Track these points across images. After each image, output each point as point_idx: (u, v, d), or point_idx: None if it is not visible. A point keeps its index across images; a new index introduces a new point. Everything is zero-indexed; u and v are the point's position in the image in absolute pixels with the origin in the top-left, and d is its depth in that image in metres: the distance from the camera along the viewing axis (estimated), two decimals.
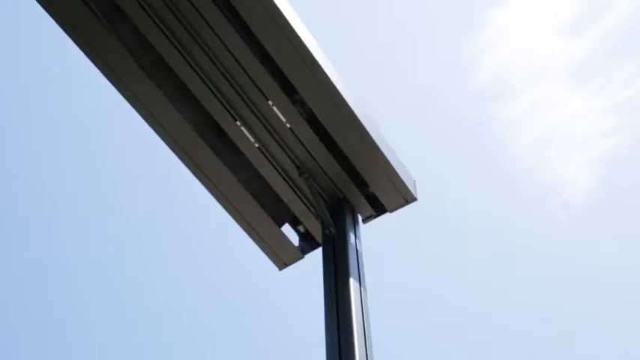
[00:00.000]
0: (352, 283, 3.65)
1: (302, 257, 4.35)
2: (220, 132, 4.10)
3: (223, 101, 3.87)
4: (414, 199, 4.15)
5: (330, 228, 4.00)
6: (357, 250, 3.91)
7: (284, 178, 4.12)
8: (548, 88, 9.86)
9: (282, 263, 4.38)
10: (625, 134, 9.69)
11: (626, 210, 9.58)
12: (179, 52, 3.74)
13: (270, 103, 3.83)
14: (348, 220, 4.03)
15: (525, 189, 9.75)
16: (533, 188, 9.66)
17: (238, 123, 3.95)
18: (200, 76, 3.81)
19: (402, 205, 4.18)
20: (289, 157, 4.03)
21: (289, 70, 3.69)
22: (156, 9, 3.63)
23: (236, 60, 3.70)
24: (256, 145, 4.02)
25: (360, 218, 4.18)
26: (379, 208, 4.20)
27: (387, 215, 4.20)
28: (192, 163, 4.04)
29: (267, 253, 4.34)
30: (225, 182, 4.10)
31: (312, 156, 3.98)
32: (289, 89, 3.81)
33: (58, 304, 10.61)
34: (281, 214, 4.44)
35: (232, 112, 3.91)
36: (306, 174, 4.03)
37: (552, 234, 9.81)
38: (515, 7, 9.53)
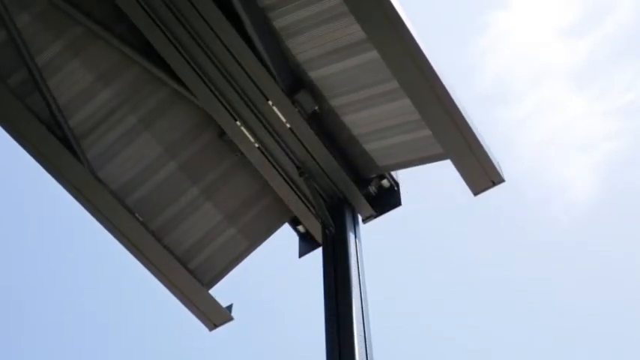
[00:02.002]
0: (352, 283, 3.64)
1: (231, 319, 4.40)
2: (220, 132, 4.12)
3: (223, 101, 3.88)
4: (502, 181, 3.78)
5: (330, 228, 4.00)
6: (357, 250, 3.90)
7: (284, 178, 4.12)
8: (550, 91, 9.87)
9: (211, 324, 4.42)
10: (626, 137, 9.70)
11: (626, 211, 9.59)
12: (179, 52, 3.75)
13: (270, 103, 3.83)
14: (348, 220, 4.02)
15: (527, 190, 9.75)
16: (535, 189, 9.66)
17: (238, 123, 3.95)
18: (200, 77, 3.81)
19: (488, 188, 3.80)
20: (289, 157, 4.02)
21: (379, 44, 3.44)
22: (155, 9, 3.64)
23: (236, 60, 3.71)
24: (256, 145, 4.02)
25: (360, 218, 4.17)
26: (375, 207, 4.17)
27: (386, 215, 4.18)
28: (124, 238, 4.14)
29: (197, 316, 4.39)
30: (155, 253, 4.20)
31: (312, 156, 3.97)
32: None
33: None
34: (281, 214, 4.45)
35: (232, 112, 3.91)
36: (306, 174, 4.03)
37: (554, 234, 9.82)
38: (517, 10, 9.53)
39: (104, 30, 3.88)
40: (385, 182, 4.22)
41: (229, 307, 4.42)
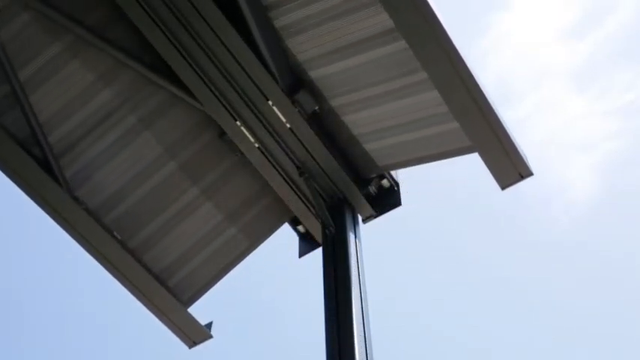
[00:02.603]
0: (352, 283, 3.65)
1: (210, 337, 4.41)
2: (220, 132, 4.12)
3: (223, 101, 3.88)
4: (530, 174, 3.60)
5: (330, 228, 4.00)
6: (357, 250, 3.90)
7: (284, 178, 4.12)
8: (551, 91, 9.87)
9: (191, 342, 4.43)
10: (626, 137, 9.70)
11: (627, 211, 9.59)
12: (179, 52, 3.75)
13: (270, 103, 3.83)
14: (348, 220, 4.02)
15: (527, 190, 9.76)
16: (535, 189, 9.66)
17: (238, 123, 3.95)
18: (200, 77, 3.81)
19: (517, 181, 3.62)
20: (289, 157, 4.02)
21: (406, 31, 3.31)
22: (156, 9, 3.64)
23: (236, 60, 3.70)
24: (256, 145, 4.02)
25: (360, 218, 4.17)
26: (375, 207, 4.16)
27: (386, 215, 4.18)
28: (101, 257, 4.14)
29: (176, 334, 4.40)
30: (133, 272, 4.21)
31: (312, 156, 3.97)
32: None
33: None
34: (281, 214, 4.45)
35: (232, 112, 3.91)
36: (306, 174, 4.03)
37: (554, 234, 9.82)
38: (519, 11, 9.53)
39: (96, 37, 3.87)
40: (385, 182, 4.22)
41: (209, 325, 4.43)
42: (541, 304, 9.49)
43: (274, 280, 8.97)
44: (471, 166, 3.95)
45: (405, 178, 4.28)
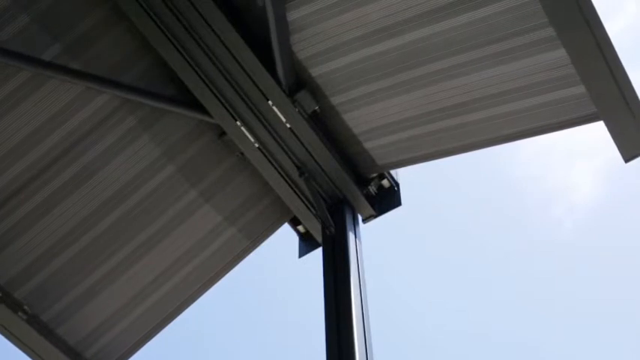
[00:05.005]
0: (352, 283, 3.65)
1: None
2: (220, 132, 4.11)
3: (223, 101, 3.87)
4: None
5: (330, 228, 4.00)
6: (357, 250, 3.90)
7: (284, 178, 4.12)
8: None
9: None
10: None
11: (628, 214, 9.59)
12: (178, 51, 3.74)
13: (270, 103, 3.83)
14: (348, 220, 4.02)
15: (530, 193, 9.75)
16: (538, 194, 9.65)
17: (238, 123, 3.95)
18: (200, 76, 3.81)
19: None
20: (289, 157, 4.02)
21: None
22: (154, 7, 3.63)
23: (236, 60, 3.70)
24: (256, 145, 4.02)
25: (360, 218, 4.17)
26: (375, 207, 4.15)
27: (387, 216, 4.18)
28: (12, 337, 4.04)
29: None
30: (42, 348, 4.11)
31: (312, 156, 3.97)
32: None
33: None
34: (281, 214, 4.45)
35: (232, 112, 3.90)
36: (306, 174, 4.03)
37: (556, 236, 9.82)
38: None
39: (55, 70, 3.65)
40: (385, 182, 4.22)
41: None
42: (543, 304, 9.50)
43: (274, 279, 8.98)
44: (472, 165, 3.94)
45: (405, 178, 4.29)
